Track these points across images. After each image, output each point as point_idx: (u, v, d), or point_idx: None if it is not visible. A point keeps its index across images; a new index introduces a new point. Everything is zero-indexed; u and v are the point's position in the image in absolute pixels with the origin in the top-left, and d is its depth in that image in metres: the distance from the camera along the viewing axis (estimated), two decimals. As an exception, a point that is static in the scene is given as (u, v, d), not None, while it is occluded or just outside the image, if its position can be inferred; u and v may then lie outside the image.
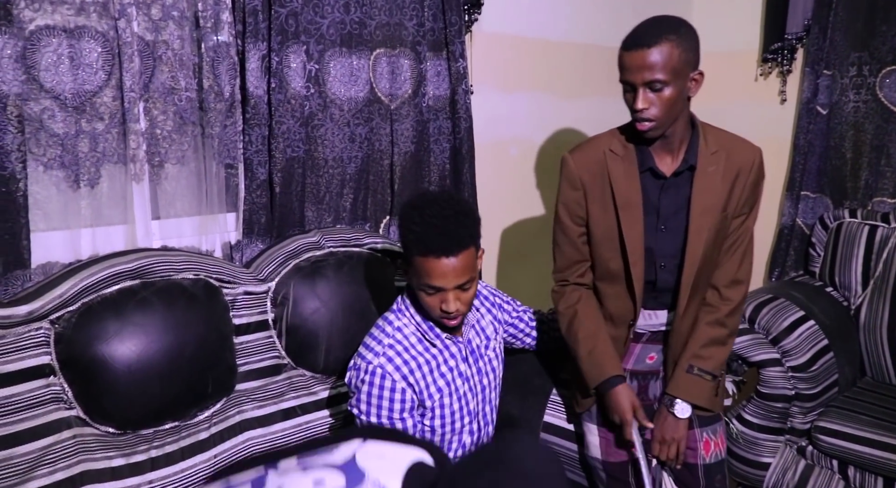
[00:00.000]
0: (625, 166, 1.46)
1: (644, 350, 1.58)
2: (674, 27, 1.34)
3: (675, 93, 1.34)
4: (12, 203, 1.39)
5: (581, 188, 1.49)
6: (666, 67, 1.32)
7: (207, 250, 1.75)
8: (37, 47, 1.42)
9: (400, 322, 1.45)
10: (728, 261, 1.51)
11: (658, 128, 1.38)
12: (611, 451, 1.54)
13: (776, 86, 2.71)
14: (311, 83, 1.80)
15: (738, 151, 1.46)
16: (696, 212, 1.43)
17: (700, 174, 1.43)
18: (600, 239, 1.50)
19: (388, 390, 1.37)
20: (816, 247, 2.48)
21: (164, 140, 1.64)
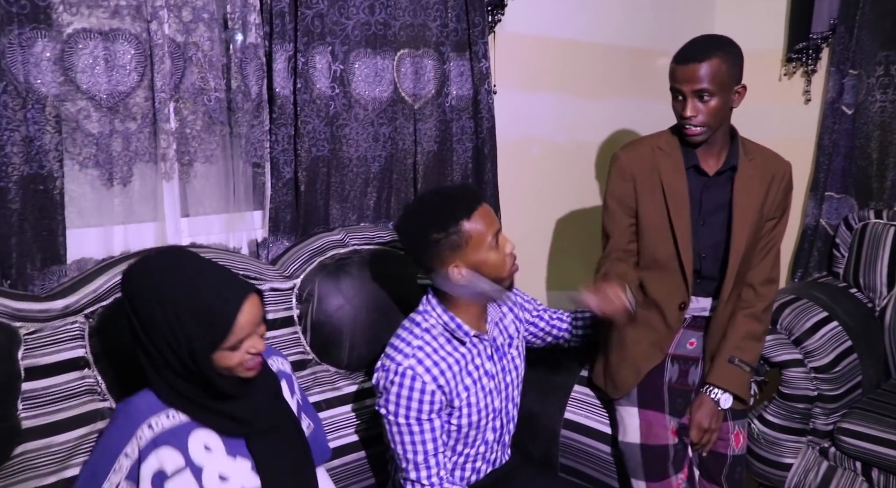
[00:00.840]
0: (672, 162, 1.61)
1: (685, 335, 1.66)
2: (722, 45, 1.53)
3: (720, 103, 1.51)
4: (50, 201, 1.44)
5: (632, 180, 1.64)
6: (714, 80, 1.49)
7: (234, 247, 1.79)
8: (74, 50, 1.46)
9: (427, 323, 1.45)
10: (762, 262, 1.65)
11: (704, 133, 1.55)
12: (651, 434, 1.56)
13: (800, 86, 2.69)
14: (336, 83, 1.83)
15: (772, 161, 1.64)
16: (738, 209, 1.58)
17: (740, 176, 1.59)
18: (650, 227, 1.63)
19: (419, 392, 1.37)
20: (840, 247, 2.46)
21: (193, 139, 1.68)
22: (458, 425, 1.45)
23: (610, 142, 2.62)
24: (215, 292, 1.12)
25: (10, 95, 1.36)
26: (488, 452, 1.53)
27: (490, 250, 1.38)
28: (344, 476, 1.63)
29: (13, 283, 1.41)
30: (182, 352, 1.11)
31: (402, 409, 1.37)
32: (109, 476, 1.11)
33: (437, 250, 1.37)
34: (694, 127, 1.54)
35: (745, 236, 1.57)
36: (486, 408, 1.48)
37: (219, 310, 1.10)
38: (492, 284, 1.40)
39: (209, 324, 1.10)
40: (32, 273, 1.44)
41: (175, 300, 1.10)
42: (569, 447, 1.75)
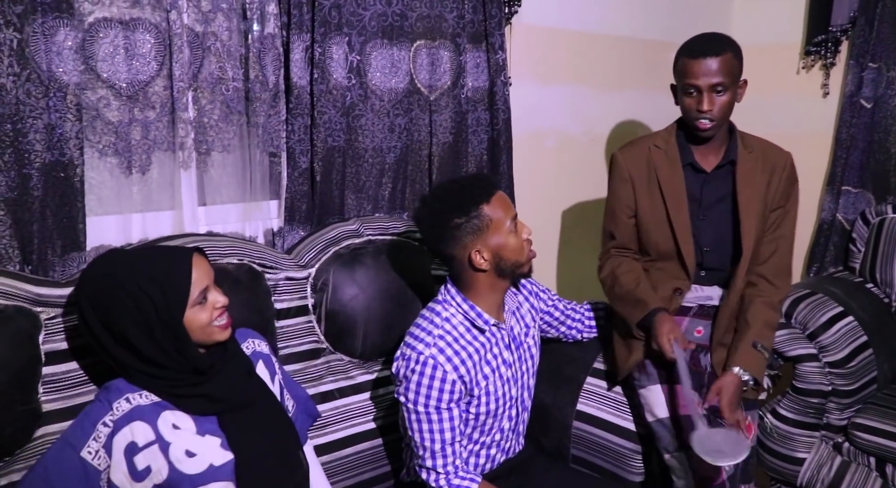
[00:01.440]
0: (669, 160, 1.66)
1: (692, 323, 1.67)
2: (729, 41, 1.59)
3: (731, 97, 1.57)
4: (70, 188, 1.45)
5: (630, 180, 1.69)
6: (729, 73, 1.54)
7: (251, 236, 1.80)
8: (94, 39, 1.48)
9: (447, 312, 1.45)
10: (775, 254, 1.67)
11: (716, 127, 1.59)
12: (678, 403, 1.57)
13: (818, 79, 2.67)
14: (353, 74, 1.83)
15: (771, 152, 1.67)
16: (743, 200, 1.61)
17: (741, 169, 1.62)
18: (651, 224, 1.67)
19: (439, 381, 1.38)
20: (857, 242, 2.44)
21: (210, 128, 1.69)
22: (476, 413, 1.46)
23: (624, 135, 2.61)
24: (164, 259, 1.20)
25: (34, 84, 1.38)
26: (503, 440, 1.54)
27: (510, 234, 1.40)
28: (357, 464, 1.64)
29: (34, 269, 1.43)
30: (155, 327, 1.15)
31: (423, 398, 1.38)
32: (89, 442, 1.14)
33: (458, 235, 1.39)
34: (708, 121, 1.57)
35: (753, 225, 1.60)
36: (503, 397, 1.49)
37: (173, 269, 1.18)
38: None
39: (170, 285, 1.16)
40: (53, 259, 1.46)
41: (133, 278, 1.15)
42: (581, 438, 1.75)
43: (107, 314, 1.15)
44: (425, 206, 1.46)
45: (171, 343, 1.17)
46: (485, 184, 1.43)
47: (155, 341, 1.16)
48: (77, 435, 1.15)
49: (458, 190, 1.42)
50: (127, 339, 1.15)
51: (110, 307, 1.15)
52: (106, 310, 1.15)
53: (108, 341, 1.17)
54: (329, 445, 1.61)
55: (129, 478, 1.15)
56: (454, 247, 1.40)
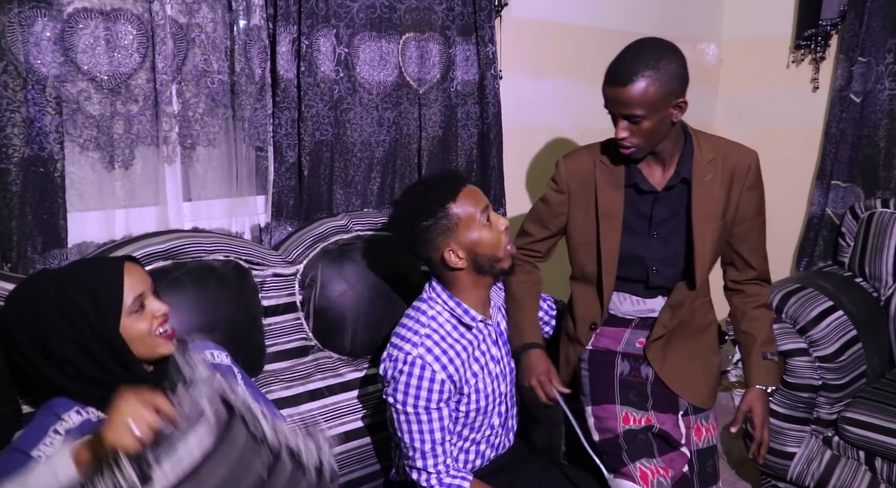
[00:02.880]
0: (612, 179, 1.54)
1: (633, 334, 1.61)
2: (652, 62, 1.36)
3: (653, 124, 1.40)
4: (50, 183, 1.42)
5: (566, 192, 1.59)
6: (641, 103, 1.37)
7: (237, 232, 1.77)
8: (74, 29, 1.44)
9: (433, 311, 1.44)
10: (759, 260, 1.61)
11: (639, 152, 1.46)
12: (602, 428, 1.52)
13: (808, 73, 2.67)
14: (341, 67, 1.80)
15: (733, 156, 1.51)
16: (697, 221, 1.49)
17: (697, 184, 1.49)
18: (578, 243, 1.60)
19: (428, 381, 1.36)
20: (846, 237, 2.44)
21: (195, 122, 1.66)
22: (467, 411, 1.44)
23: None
24: (92, 269, 1.15)
25: (11, 75, 1.34)
26: (493, 437, 1.53)
27: (483, 229, 1.38)
28: (347, 462, 1.62)
29: (13, 267, 1.40)
30: (89, 340, 1.09)
31: (411, 399, 1.36)
32: (40, 445, 1.06)
33: (429, 237, 1.38)
34: (626, 147, 1.45)
35: (707, 248, 1.50)
36: (493, 393, 1.48)
37: (103, 276, 1.13)
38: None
39: (101, 293, 1.11)
40: (33, 256, 1.42)
41: (61, 291, 1.09)
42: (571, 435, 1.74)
43: (37, 334, 1.09)
44: (395, 213, 1.46)
45: (110, 356, 1.10)
46: (450, 181, 1.40)
47: (92, 356, 1.09)
48: (27, 440, 1.08)
49: (423, 192, 1.41)
50: (64, 358, 1.08)
51: (41, 326, 1.08)
52: (36, 329, 1.09)
53: (43, 364, 1.10)
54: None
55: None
56: (428, 249, 1.40)
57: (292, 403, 1.59)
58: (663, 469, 1.43)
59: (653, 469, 1.42)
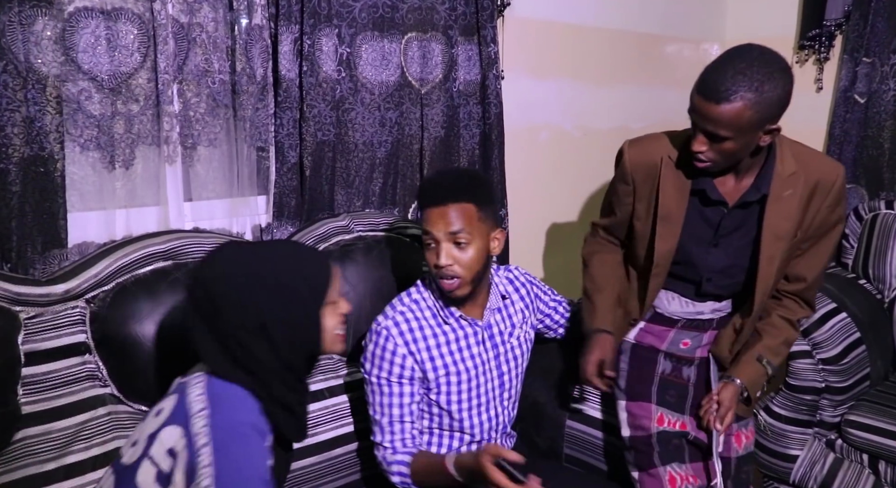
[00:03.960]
0: (678, 181, 1.41)
1: (678, 335, 1.60)
2: (758, 83, 1.21)
3: (737, 146, 1.27)
4: (51, 183, 1.41)
5: (631, 184, 1.51)
6: (731, 126, 1.23)
7: (238, 232, 1.76)
8: (75, 29, 1.43)
9: (419, 295, 1.49)
10: (811, 277, 1.50)
11: (715, 168, 1.34)
12: (635, 425, 1.52)
13: (812, 73, 2.65)
14: (343, 67, 1.79)
15: (816, 170, 1.38)
16: (767, 239, 1.38)
17: (774, 200, 1.36)
18: (638, 236, 1.54)
19: (390, 352, 1.41)
20: (850, 238, 2.43)
21: (196, 122, 1.65)
22: (438, 401, 1.46)
23: (618, 130, 2.58)
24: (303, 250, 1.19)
25: (11, 75, 1.33)
26: (488, 441, 1.53)
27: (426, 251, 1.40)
28: (348, 464, 1.61)
29: (13, 267, 1.39)
30: (293, 314, 1.08)
31: (375, 369, 1.42)
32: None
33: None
34: (702, 161, 1.32)
35: (773, 269, 1.40)
36: (471, 391, 1.48)
37: (317, 261, 1.16)
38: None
39: (314, 274, 1.12)
40: (33, 256, 1.42)
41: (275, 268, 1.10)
42: (574, 438, 1.73)
43: (245, 310, 1.06)
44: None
45: (308, 341, 1.12)
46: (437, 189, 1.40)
47: (292, 338, 1.09)
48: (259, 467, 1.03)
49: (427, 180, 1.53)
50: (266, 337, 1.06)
51: (249, 304, 1.06)
52: (243, 305, 1.06)
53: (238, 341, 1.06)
54: (319, 445, 1.58)
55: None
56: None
57: (293, 404, 1.58)
58: (692, 477, 1.42)
59: (682, 475, 1.42)
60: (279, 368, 1.09)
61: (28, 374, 1.27)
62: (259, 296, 1.07)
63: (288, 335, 1.09)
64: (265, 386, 1.08)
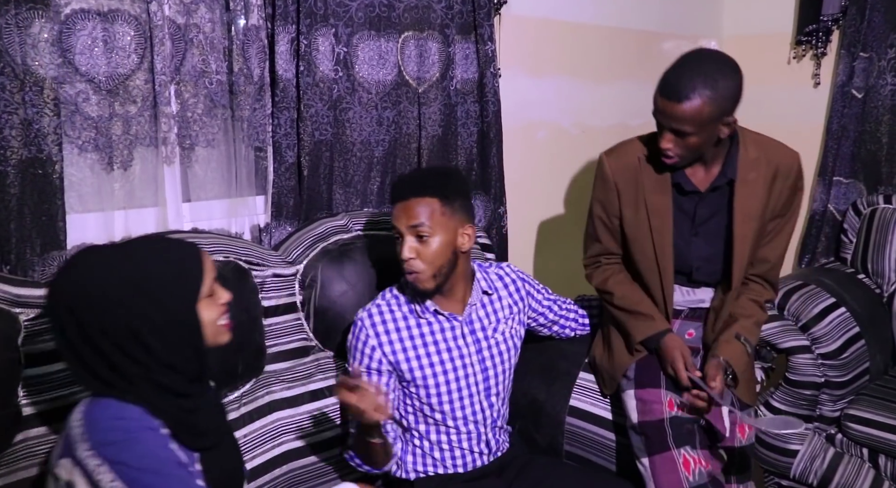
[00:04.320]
0: (657, 178, 1.53)
1: (683, 325, 1.64)
2: (712, 81, 1.34)
3: (700, 140, 1.40)
4: (49, 185, 1.41)
5: (615, 189, 1.59)
6: (693, 121, 1.36)
7: (237, 233, 1.77)
8: (72, 31, 1.43)
9: (399, 291, 1.54)
10: (771, 259, 1.60)
11: (681, 162, 1.46)
12: (646, 411, 1.53)
13: (810, 69, 2.65)
14: (340, 66, 1.80)
15: (776, 155, 1.52)
16: (739, 219, 1.50)
17: (741, 183, 1.49)
18: (633, 238, 1.59)
19: (361, 342, 1.47)
20: (849, 233, 2.43)
21: (194, 123, 1.66)
22: (417, 394, 1.49)
23: (616, 127, 2.58)
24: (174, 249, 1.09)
25: (8, 77, 1.34)
26: (478, 436, 1.54)
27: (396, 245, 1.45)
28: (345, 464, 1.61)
29: (13, 269, 1.40)
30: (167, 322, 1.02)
31: (351, 358, 1.49)
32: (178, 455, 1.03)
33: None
34: (669, 158, 1.45)
35: (747, 247, 1.52)
36: (449, 384, 1.50)
37: (186, 257, 1.08)
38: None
39: (185, 273, 1.05)
40: (32, 258, 1.42)
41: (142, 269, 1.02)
42: (574, 434, 1.74)
43: (112, 315, 0.99)
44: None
45: (185, 340, 1.05)
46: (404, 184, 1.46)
47: (168, 339, 1.02)
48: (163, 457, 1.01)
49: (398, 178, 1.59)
50: (139, 341, 1.00)
51: (118, 305, 0.99)
52: (111, 309, 0.99)
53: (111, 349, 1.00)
54: (319, 445, 1.59)
55: None
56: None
57: (293, 404, 1.59)
58: (704, 461, 1.43)
59: (695, 458, 1.43)
60: (161, 371, 1.03)
61: (29, 375, 1.27)
62: (124, 299, 1.00)
63: (163, 335, 1.02)
64: (143, 395, 1.02)
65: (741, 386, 1.54)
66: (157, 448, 1.01)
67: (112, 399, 1.02)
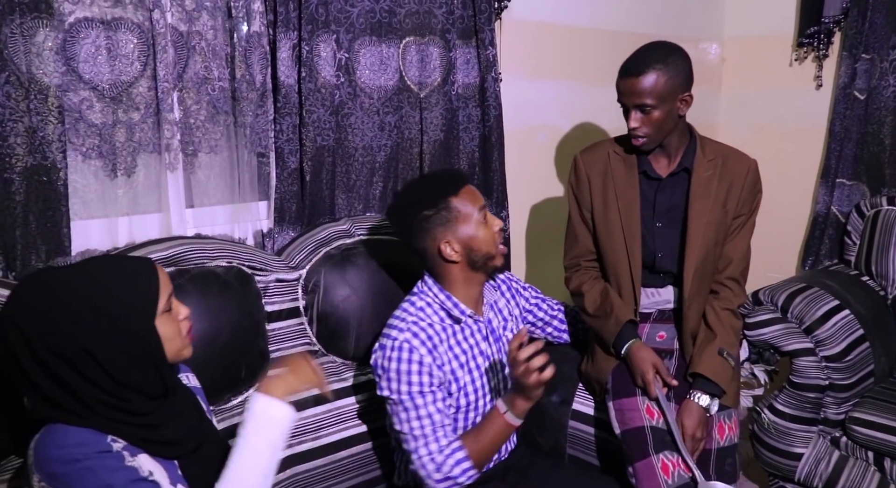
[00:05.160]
0: (626, 167, 1.65)
1: (653, 329, 1.66)
2: (662, 57, 1.52)
3: (662, 114, 1.53)
4: (54, 192, 1.43)
5: (587, 182, 1.69)
6: (652, 93, 1.51)
7: (240, 238, 1.78)
8: (76, 39, 1.45)
9: (423, 301, 1.48)
10: (735, 261, 1.66)
11: (650, 143, 1.58)
12: (624, 420, 1.55)
13: (811, 71, 2.66)
14: (341, 72, 1.81)
15: (733, 160, 1.63)
16: (693, 208, 1.59)
17: (697, 177, 1.60)
18: (601, 230, 1.67)
19: (417, 364, 1.38)
20: (852, 235, 2.43)
21: (197, 129, 1.67)
22: (458, 405, 1.46)
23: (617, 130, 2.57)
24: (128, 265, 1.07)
25: (13, 86, 1.35)
26: None
27: (479, 226, 1.43)
28: (350, 467, 1.62)
29: (18, 276, 1.41)
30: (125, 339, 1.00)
31: (404, 385, 1.38)
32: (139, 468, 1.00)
33: (428, 227, 1.42)
34: (639, 138, 1.56)
35: (701, 234, 1.58)
36: (482, 389, 1.49)
37: (141, 273, 1.06)
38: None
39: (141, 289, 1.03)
40: (37, 264, 1.43)
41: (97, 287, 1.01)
42: (577, 438, 1.74)
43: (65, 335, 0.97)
44: (396, 200, 1.52)
45: (144, 356, 1.03)
46: (454, 177, 1.48)
47: (127, 357, 1.01)
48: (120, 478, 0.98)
49: (427, 183, 1.50)
50: (94, 362, 0.98)
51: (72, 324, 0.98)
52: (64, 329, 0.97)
53: (65, 371, 0.98)
54: (323, 448, 1.59)
55: None
56: (424, 239, 1.44)
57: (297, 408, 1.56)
58: (684, 465, 1.45)
59: (674, 461, 1.45)
60: (119, 391, 1.01)
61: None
62: (75, 319, 0.98)
63: (120, 354, 1.00)
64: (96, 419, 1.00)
65: (727, 396, 1.58)
66: (111, 471, 0.97)
67: (59, 424, 0.99)
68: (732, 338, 1.63)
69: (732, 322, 1.64)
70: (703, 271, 1.61)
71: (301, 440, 1.56)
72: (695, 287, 1.60)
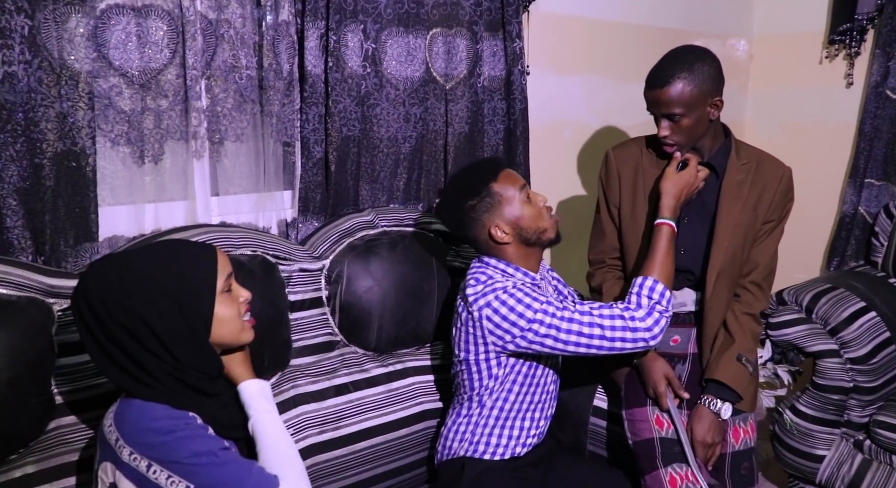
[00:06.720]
0: (656, 161, 1.64)
1: (667, 333, 1.60)
2: (687, 65, 1.48)
3: (692, 121, 1.50)
4: (82, 178, 1.44)
5: (617, 176, 1.68)
6: (679, 102, 1.48)
7: (264, 227, 1.78)
8: (107, 26, 1.45)
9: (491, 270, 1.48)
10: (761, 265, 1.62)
11: (681, 148, 1.56)
12: (635, 431, 1.54)
13: (842, 69, 2.61)
14: (368, 62, 1.80)
15: (767, 165, 1.60)
16: (723, 208, 1.57)
17: (728, 179, 1.58)
18: (626, 226, 1.66)
19: (534, 292, 1.41)
20: (880, 236, 2.39)
21: (224, 117, 1.67)
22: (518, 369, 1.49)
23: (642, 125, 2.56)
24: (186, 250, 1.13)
25: (45, 71, 1.36)
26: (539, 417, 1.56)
27: (524, 205, 1.46)
28: (369, 459, 1.62)
29: (47, 260, 1.42)
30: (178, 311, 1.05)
31: (541, 306, 1.38)
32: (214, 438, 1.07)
33: (475, 216, 1.46)
34: (669, 145, 1.55)
35: (728, 235, 1.56)
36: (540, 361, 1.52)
37: (198, 253, 1.11)
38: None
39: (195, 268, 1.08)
40: (65, 250, 1.44)
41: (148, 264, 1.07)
42: (597, 434, 1.73)
43: (127, 314, 1.03)
44: (442, 198, 1.55)
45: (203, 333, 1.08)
46: (490, 164, 1.52)
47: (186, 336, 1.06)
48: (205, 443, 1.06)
49: (466, 175, 1.51)
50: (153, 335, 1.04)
51: (132, 304, 1.03)
52: (125, 308, 1.03)
53: (132, 345, 1.04)
54: (343, 439, 1.59)
55: None
56: (475, 227, 1.47)
57: (318, 398, 1.60)
58: (692, 475, 1.43)
59: (682, 474, 1.43)
60: (184, 369, 1.07)
61: (62, 365, 1.30)
62: (136, 295, 1.03)
63: (178, 332, 1.05)
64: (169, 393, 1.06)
65: (743, 402, 1.55)
66: (203, 439, 1.05)
67: (138, 400, 1.06)
68: (751, 343, 1.60)
69: (752, 327, 1.61)
70: (726, 273, 1.58)
71: (322, 430, 1.57)
72: (717, 289, 1.57)
